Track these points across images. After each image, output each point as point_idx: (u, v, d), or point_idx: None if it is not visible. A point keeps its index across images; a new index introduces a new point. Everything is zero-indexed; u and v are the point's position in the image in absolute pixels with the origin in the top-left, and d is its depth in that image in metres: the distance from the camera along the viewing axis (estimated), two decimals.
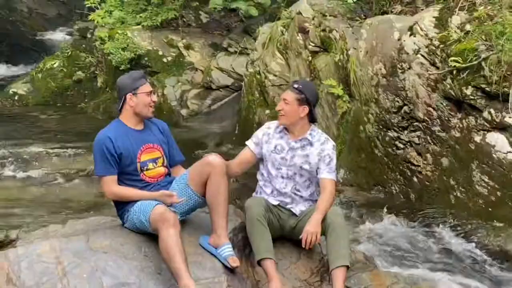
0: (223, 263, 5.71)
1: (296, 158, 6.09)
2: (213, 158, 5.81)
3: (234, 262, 5.69)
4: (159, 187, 5.90)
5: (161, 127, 6.10)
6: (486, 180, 7.69)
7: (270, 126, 6.25)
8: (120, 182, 5.84)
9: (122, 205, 5.90)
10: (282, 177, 6.12)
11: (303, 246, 5.87)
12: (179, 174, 6.02)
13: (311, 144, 6.10)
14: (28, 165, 10.63)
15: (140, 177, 5.89)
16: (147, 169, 5.91)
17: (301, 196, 6.15)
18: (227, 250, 5.72)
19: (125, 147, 5.81)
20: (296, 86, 6.11)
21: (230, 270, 5.72)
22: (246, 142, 6.28)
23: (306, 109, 6.06)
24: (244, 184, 6.28)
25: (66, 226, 6.26)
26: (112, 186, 5.82)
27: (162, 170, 5.99)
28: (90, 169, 10.14)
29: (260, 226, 5.86)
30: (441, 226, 7.87)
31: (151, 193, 5.80)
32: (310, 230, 5.82)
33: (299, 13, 10.41)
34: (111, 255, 5.66)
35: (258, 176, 6.26)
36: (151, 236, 5.72)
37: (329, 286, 5.89)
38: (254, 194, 6.26)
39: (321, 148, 6.10)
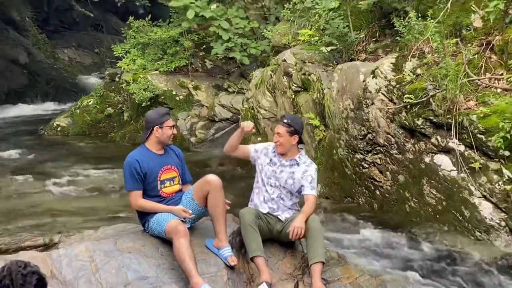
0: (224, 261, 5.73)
1: (283, 173, 6.13)
2: (211, 178, 5.84)
3: (233, 261, 5.73)
4: (173, 200, 5.93)
5: (177, 152, 6.13)
6: (434, 192, 7.69)
7: (268, 147, 6.32)
8: (143, 195, 5.85)
9: (143, 215, 5.92)
10: (271, 185, 6.17)
11: (290, 237, 5.85)
12: (186, 190, 6.04)
13: (297, 164, 6.16)
14: (68, 183, 10.64)
15: (159, 193, 5.90)
16: (165, 186, 5.92)
17: (285, 205, 6.16)
18: (227, 251, 5.75)
19: (149, 168, 5.82)
20: (285, 121, 6.16)
21: (230, 267, 5.73)
22: (250, 145, 6.41)
23: (296, 138, 6.14)
24: (239, 199, 6.30)
25: (98, 231, 6.26)
26: (138, 199, 5.83)
27: (177, 187, 6.01)
28: (118, 186, 10.14)
29: (251, 230, 5.87)
30: (398, 230, 7.84)
31: (170, 207, 5.82)
32: (296, 225, 5.82)
33: (284, 60, 10.43)
34: (134, 254, 5.68)
35: (254, 184, 6.31)
36: (166, 239, 5.72)
37: (309, 278, 5.88)
38: (249, 202, 6.30)
39: (305, 169, 6.13)
